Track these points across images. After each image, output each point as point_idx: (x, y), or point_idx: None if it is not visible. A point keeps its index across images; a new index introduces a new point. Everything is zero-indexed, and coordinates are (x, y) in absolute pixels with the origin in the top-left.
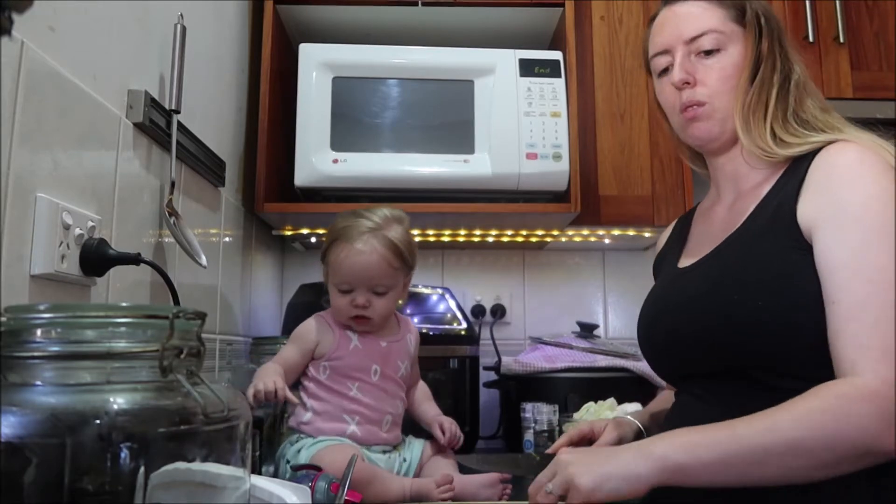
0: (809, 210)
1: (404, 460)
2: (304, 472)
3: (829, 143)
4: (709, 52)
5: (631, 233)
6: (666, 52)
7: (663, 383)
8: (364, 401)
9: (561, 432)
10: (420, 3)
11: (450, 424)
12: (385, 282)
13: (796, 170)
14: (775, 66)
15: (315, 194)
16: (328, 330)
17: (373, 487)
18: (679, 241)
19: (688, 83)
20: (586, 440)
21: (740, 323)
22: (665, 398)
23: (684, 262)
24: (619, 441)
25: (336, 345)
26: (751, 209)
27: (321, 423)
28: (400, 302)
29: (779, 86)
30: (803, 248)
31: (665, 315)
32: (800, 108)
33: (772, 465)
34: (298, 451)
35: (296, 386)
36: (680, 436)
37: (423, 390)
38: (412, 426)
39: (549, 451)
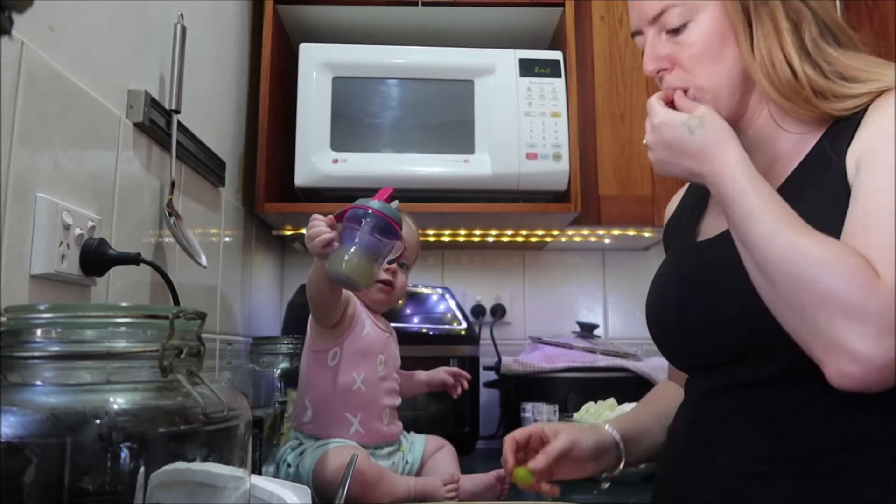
0: (855, 153)
1: (406, 462)
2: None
3: (881, 92)
4: (677, 30)
5: (631, 233)
6: (639, 32)
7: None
8: (366, 395)
9: None
10: (420, 3)
11: (456, 370)
12: (411, 254)
13: (843, 129)
14: (772, 11)
15: (315, 194)
16: (355, 300)
17: (379, 488)
18: (696, 210)
19: (664, 69)
20: (537, 441)
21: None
22: (662, 394)
23: (705, 234)
24: (576, 449)
25: (355, 320)
26: (791, 168)
27: (323, 426)
28: (400, 302)
29: (791, 28)
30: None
31: (684, 292)
32: (828, 58)
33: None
34: (301, 453)
35: (295, 386)
36: None
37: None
38: (411, 424)
39: (504, 464)
